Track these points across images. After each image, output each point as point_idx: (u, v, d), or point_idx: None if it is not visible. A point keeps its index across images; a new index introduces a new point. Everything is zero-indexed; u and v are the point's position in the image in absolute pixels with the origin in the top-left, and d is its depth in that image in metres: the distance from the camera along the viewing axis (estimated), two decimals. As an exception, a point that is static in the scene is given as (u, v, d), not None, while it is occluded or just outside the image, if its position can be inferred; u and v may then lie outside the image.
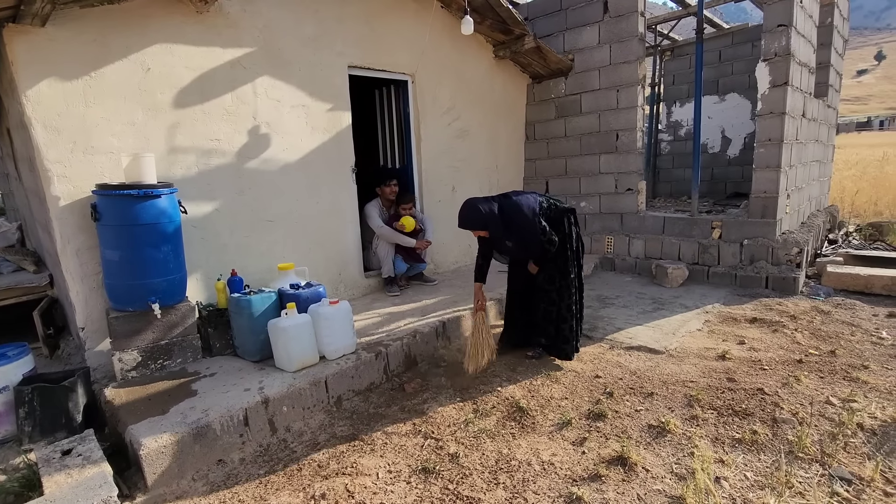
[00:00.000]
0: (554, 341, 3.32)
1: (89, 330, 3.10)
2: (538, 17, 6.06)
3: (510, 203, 3.11)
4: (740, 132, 8.23)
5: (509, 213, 3.07)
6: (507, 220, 3.07)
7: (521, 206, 3.08)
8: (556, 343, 3.31)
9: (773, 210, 4.72)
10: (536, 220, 3.05)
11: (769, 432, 2.40)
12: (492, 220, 3.06)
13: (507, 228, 3.07)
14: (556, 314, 3.25)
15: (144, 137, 3.20)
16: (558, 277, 3.23)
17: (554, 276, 3.24)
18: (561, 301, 3.25)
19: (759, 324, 3.85)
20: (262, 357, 3.12)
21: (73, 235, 2.98)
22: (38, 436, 2.51)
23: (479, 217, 3.06)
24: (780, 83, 4.52)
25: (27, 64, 2.75)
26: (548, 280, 3.25)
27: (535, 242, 3.07)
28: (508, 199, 3.14)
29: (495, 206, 3.10)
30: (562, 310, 3.25)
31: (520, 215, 3.06)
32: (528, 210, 3.07)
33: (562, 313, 3.25)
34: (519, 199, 3.13)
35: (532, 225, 3.04)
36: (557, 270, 3.23)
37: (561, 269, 3.23)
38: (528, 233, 3.06)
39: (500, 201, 3.14)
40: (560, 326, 3.27)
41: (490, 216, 3.06)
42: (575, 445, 2.41)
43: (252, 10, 3.62)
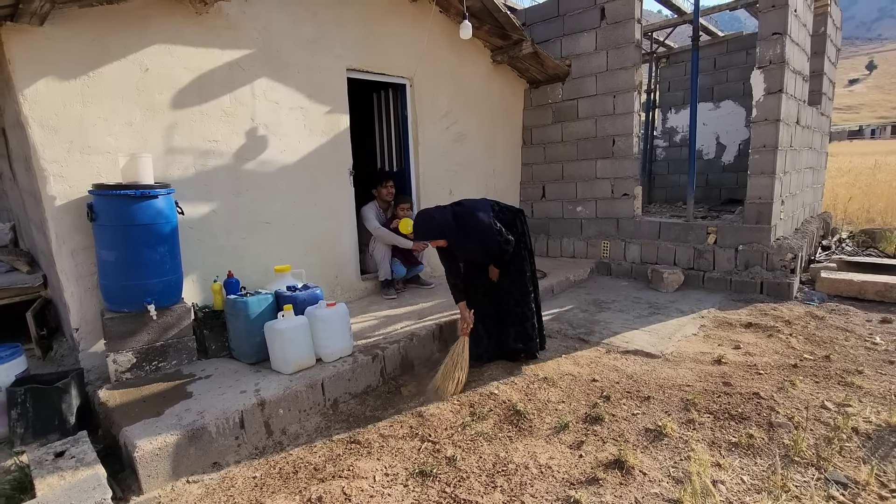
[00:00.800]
0: (521, 338, 3.35)
1: (83, 331, 3.07)
2: (536, 23, 6.11)
3: (464, 209, 3.12)
4: (735, 139, 8.31)
5: (465, 219, 3.07)
6: (463, 226, 3.05)
7: (476, 210, 3.10)
8: (524, 340, 3.35)
9: (767, 216, 4.76)
10: (492, 222, 3.07)
11: (765, 436, 2.41)
12: (448, 228, 3.03)
13: (465, 234, 3.06)
14: (521, 313, 3.30)
15: (142, 138, 3.19)
16: (517, 278, 3.29)
17: (514, 277, 3.29)
18: (523, 299, 3.30)
19: (754, 329, 3.88)
20: (258, 359, 3.10)
21: (69, 235, 2.96)
22: (31, 438, 2.48)
23: (435, 226, 3.03)
24: (774, 90, 4.57)
25: (24, 63, 2.73)
26: (510, 282, 3.29)
27: (493, 244, 3.08)
28: (461, 205, 3.17)
29: (449, 213, 3.09)
30: (524, 309, 3.30)
31: (475, 219, 3.06)
32: (482, 213, 3.09)
33: (524, 312, 3.30)
34: (472, 205, 3.16)
35: (489, 227, 3.05)
36: (516, 271, 3.28)
37: (518, 270, 3.29)
38: (485, 236, 3.06)
39: (453, 208, 3.14)
40: (523, 325, 3.31)
41: (446, 223, 3.03)
42: (572, 449, 2.41)
43: (251, 12, 3.62)
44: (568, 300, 4.84)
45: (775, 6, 4.49)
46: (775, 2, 4.49)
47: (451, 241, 3.07)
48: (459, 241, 3.08)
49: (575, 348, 3.65)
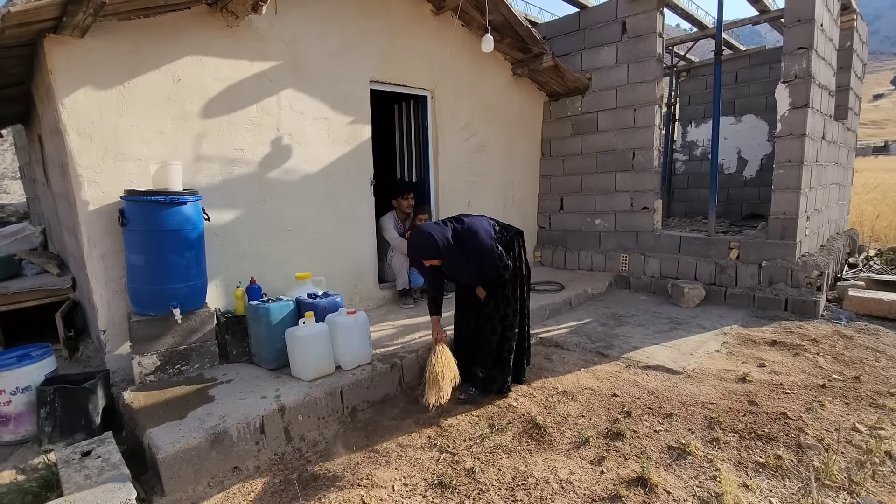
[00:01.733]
0: (491, 372, 3.09)
1: (110, 333, 3.14)
2: (556, 37, 6.14)
3: (465, 228, 2.91)
4: (757, 153, 8.20)
5: (465, 239, 2.87)
6: (462, 247, 2.86)
7: (478, 231, 2.88)
8: (493, 374, 3.08)
9: (792, 232, 4.67)
10: (494, 245, 2.89)
11: (794, 458, 2.35)
12: (447, 248, 2.83)
13: (463, 256, 2.86)
14: (498, 342, 3.07)
15: (172, 146, 3.28)
16: (503, 305, 3.06)
17: (500, 303, 3.05)
18: (507, 330, 3.07)
19: (779, 347, 3.79)
20: (278, 365, 3.13)
21: (100, 240, 3.04)
22: (58, 437, 2.53)
23: (433, 246, 2.81)
24: (800, 105, 4.51)
25: (65, 73, 2.84)
26: (494, 308, 3.05)
27: (491, 269, 2.90)
28: (462, 223, 2.95)
29: (449, 232, 2.89)
30: (508, 339, 3.08)
31: (476, 241, 2.86)
32: (484, 234, 2.89)
33: (508, 343, 3.08)
34: (473, 223, 2.94)
35: (490, 251, 2.86)
36: (504, 298, 3.05)
37: (507, 297, 3.06)
38: (484, 260, 2.87)
39: (453, 227, 2.93)
40: (503, 356, 3.06)
41: (445, 244, 2.83)
42: (593, 464, 2.37)
43: (280, 25, 3.72)
44: (586, 313, 4.79)
45: (801, 20, 4.45)
46: (801, 16, 4.45)
47: (447, 261, 2.89)
48: (455, 263, 2.88)
49: (594, 362, 3.61)
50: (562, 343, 3.97)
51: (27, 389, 2.65)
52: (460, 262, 2.87)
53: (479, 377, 3.09)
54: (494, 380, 3.09)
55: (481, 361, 3.09)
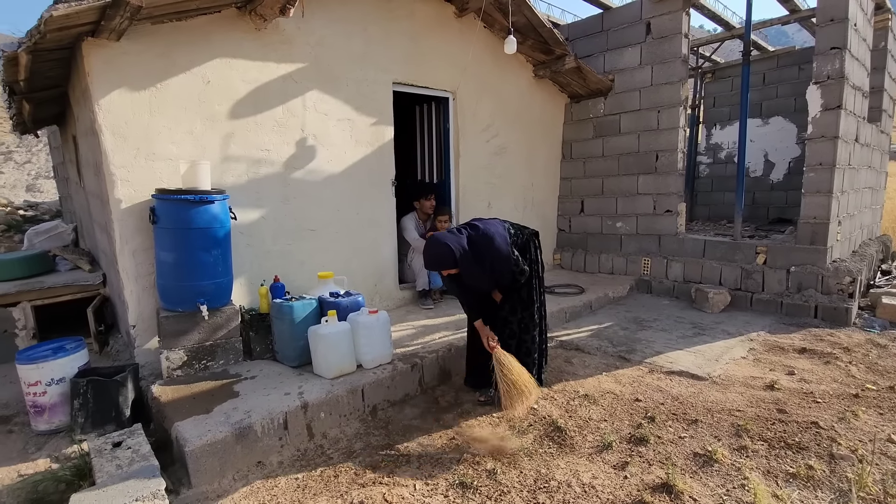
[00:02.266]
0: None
1: (140, 328, 3.22)
2: (579, 38, 6.10)
3: (481, 235, 2.83)
4: (784, 156, 8.00)
5: (481, 246, 2.79)
6: (478, 254, 2.79)
7: (494, 237, 2.81)
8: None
9: (823, 237, 4.54)
10: (510, 251, 2.84)
11: (826, 468, 2.28)
12: (464, 257, 2.76)
13: (479, 263, 2.80)
14: (517, 346, 3.01)
15: (201, 146, 3.35)
16: (520, 308, 3.01)
17: (516, 306, 3.00)
18: (524, 333, 3.02)
19: (808, 354, 3.68)
20: (300, 363, 3.17)
21: (131, 237, 3.13)
22: (90, 427, 2.61)
23: (449, 255, 2.73)
24: (832, 106, 4.39)
25: (101, 74, 2.94)
26: (510, 311, 3.01)
27: (506, 275, 2.86)
28: (477, 230, 2.87)
29: (464, 239, 2.81)
30: (525, 342, 3.03)
31: (492, 248, 2.79)
32: (500, 240, 2.83)
33: (525, 346, 3.03)
34: (488, 229, 2.86)
35: (506, 257, 2.81)
36: (520, 301, 3.01)
37: (524, 300, 3.01)
38: (500, 266, 2.82)
39: (468, 234, 2.86)
40: (521, 360, 2.96)
41: (462, 253, 2.75)
42: (616, 469, 2.34)
43: (306, 28, 3.78)
44: (607, 317, 4.73)
45: (834, 20, 4.33)
46: (834, 15, 4.33)
47: (464, 270, 2.81)
48: (472, 271, 2.82)
49: (616, 366, 3.56)
50: (582, 346, 3.93)
51: (61, 381, 2.73)
52: (477, 270, 2.82)
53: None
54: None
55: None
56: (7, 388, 3.29)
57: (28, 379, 2.69)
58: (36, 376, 2.69)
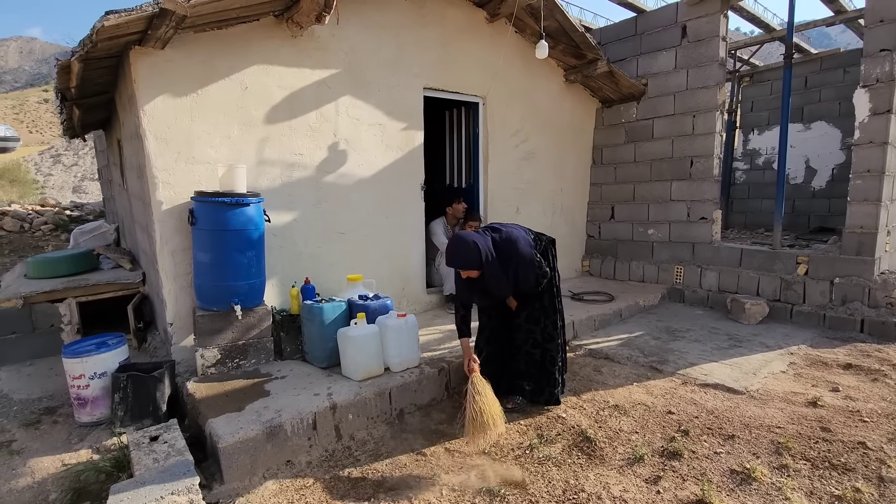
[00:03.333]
0: (538, 385, 3.01)
1: (176, 326, 3.32)
2: (611, 42, 6.02)
3: (504, 238, 2.78)
4: (827, 163, 7.68)
5: (506, 249, 2.74)
6: (503, 257, 2.73)
7: (518, 240, 2.77)
8: (540, 387, 3.01)
9: (870, 247, 4.33)
10: (534, 254, 2.81)
11: (875, 492, 2.15)
12: (489, 258, 2.69)
13: (504, 266, 2.74)
14: (541, 356, 2.98)
15: (238, 150, 3.45)
16: (542, 317, 2.96)
17: (538, 315, 2.96)
18: (547, 342, 2.98)
19: (854, 370, 3.50)
20: (329, 364, 3.21)
21: (171, 237, 3.24)
22: (129, 421, 2.70)
23: (476, 256, 2.65)
24: (882, 111, 4.19)
25: (147, 80, 3.06)
26: (532, 320, 2.96)
27: (531, 276, 2.80)
28: (500, 232, 2.82)
29: (489, 240, 2.75)
30: (550, 350, 2.97)
31: (517, 250, 2.74)
32: (524, 243, 2.79)
33: (549, 354, 2.98)
34: (511, 232, 2.82)
35: (531, 260, 2.77)
36: (542, 309, 2.96)
37: (546, 307, 2.96)
38: (525, 271, 2.77)
39: (492, 236, 2.79)
40: (547, 368, 2.97)
41: (488, 253, 2.69)
42: (648, 483, 2.27)
43: (340, 35, 3.85)
44: (637, 326, 4.62)
45: (884, 21, 4.14)
46: (884, 16, 4.14)
47: (489, 272, 2.71)
48: (495, 274, 2.73)
49: (647, 377, 3.47)
50: (612, 355, 3.85)
51: (103, 375, 2.84)
52: (499, 274, 2.74)
53: (527, 389, 3.04)
54: (542, 392, 3.03)
55: (527, 375, 3.02)
56: (53, 380, 3.44)
57: (73, 372, 2.81)
58: (80, 370, 2.80)
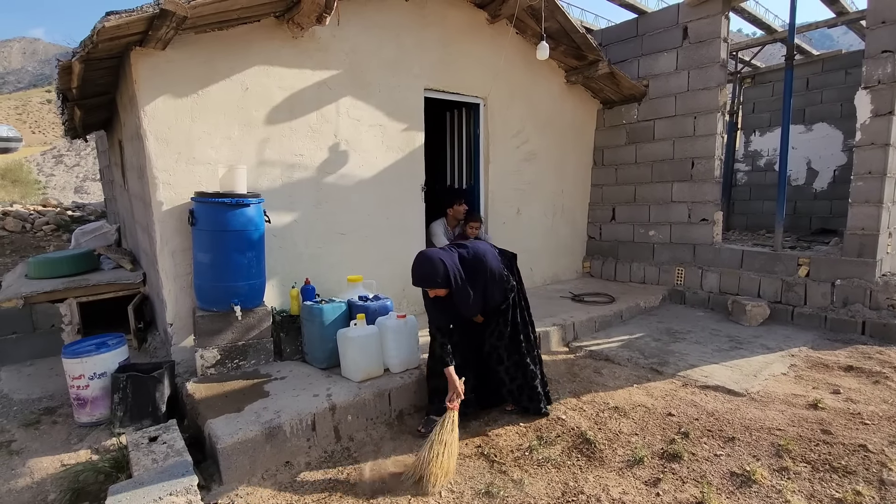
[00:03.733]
0: (519, 403, 2.94)
1: (176, 326, 3.33)
2: (612, 43, 6.01)
3: (471, 252, 2.67)
4: (829, 164, 7.66)
5: (475, 265, 2.64)
6: (472, 273, 2.62)
7: (486, 255, 2.69)
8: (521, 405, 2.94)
9: (872, 249, 4.32)
10: (502, 268, 2.74)
11: (876, 495, 2.14)
12: (457, 275, 2.56)
13: (473, 283, 2.62)
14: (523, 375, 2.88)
15: (238, 151, 3.45)
16: (511, 331, 2.85)
17: (503, 330, 2.84)
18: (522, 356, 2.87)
19: (855, 373, 3.49)
20: (328, 365, 3.21)
21: (171, 237, 3.24)
22: (128, 421, 2.70)
23: (442, 272, 2.51)
24: (884, 112, 4.18)
25: (147, 81, 3.07)
26: (497, 336, 2.85)
27: (499, 295, 2.73)
28: (466, 248, 2.71)
29: (456, 256, 2.63)
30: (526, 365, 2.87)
31: (485, 265, 2.65)
32: (492, 258, 2.72)
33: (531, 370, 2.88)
34: (478, 247, 2.72)
35: (501, 274, 2.71)
36: (514, 325, 2.86)
37: (512, 321, 2.85)
38: (494, 284, 2.68)
39: (458, 252, 2.68)
40: (527, 383, 2.87)
41: (455, 270, 2.56)
42: (648, 486, 2.27)
43: (340, 36, 3.85)
44: (638, 327, 4.61)
45: (886, 22, 4.13)
46: (886, 17, 4.13)
47: (457, 289, 2.58)
48: (464, 291, 2.61)
49: (647, 378, 3.46)
50: (612, 357, 3.84)
51: (103, 375, 2.84)
52: (468, 291, 2.61)
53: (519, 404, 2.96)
54: (526, 410, 2.94)
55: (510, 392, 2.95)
56: (53, 380, 3.45)
57: (72, 372, 2.81)
58: (80, 370, 2.80)
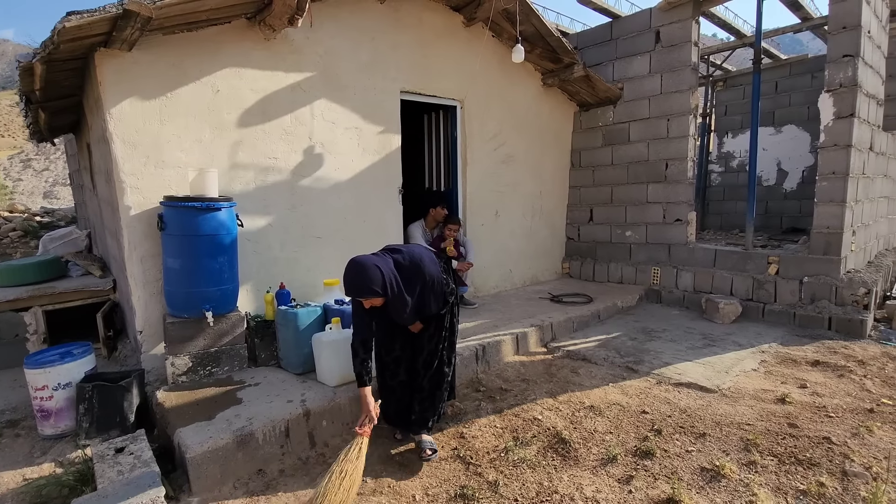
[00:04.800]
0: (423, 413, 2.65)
1: (146, 334, 3.25)
2: (588, 47, 6.10)
3: (408, 257, 2.47)
4: (798, 165, 7.89)
5: (411, 269, 2.43)
6: (408, 279, 2.41)
7: (423, 258, 2.49)
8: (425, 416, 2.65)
9: (836, 247, 4.45)
10: (440, 272, 2.56)
11: (838, 486, 2.21)
12: (393, 282, 2.34)
13: (410, 289, 2.42)
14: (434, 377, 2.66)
15: (210, 154, 3.39)
16: (447, 338, 2.70)
17: (441, 336, 2.66)
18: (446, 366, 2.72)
19: (822, 367, 3.59)
20: (304, 370, 3.17)
21: (140, 243, 3.17)
22: (95, 432, 2.62)
23: (377, 279, 2.27)
24: (845, 115, 4.32)
25: (113, 84, 2.99)
26: (435, 341, 2.64)
27: (438, 298, 2.54)
28: (400, 253, 2.50)
29: (391, 262, 2.42)
30: (446, 375, 2.71)
31: (423, 269, 2.45)
32: (430, 262, 2.52)
33: (446, 380, 2.72)
34: (414, 251, 2.54)
35: (440, 279, 2.53)
36: (449, 328, 2.69)
37: (451, 327, 2.70)
38: (433, 289, 2.50)
39: (393, 257, 2.46)
40: (431, 394, 2.65)
41: (391, 276, 2.35)
42: (621, 483, 2.29)
43: (314, 38, 3.82)
44: (615, 327, 4.67)
45: (847, 27, 4.28)
46: (847, 23, 4.28)
47: (392, 298, 2.36)
48: (401, 299, 2.39)
49: (623, 377, 3.51)
50: (589, 357, 3.88)
51: (68, 386, 2.76)
52: (406, 299, 2.41)
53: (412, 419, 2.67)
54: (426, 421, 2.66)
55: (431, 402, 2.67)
56: (17, 392, 3.33)
57: (35, 383, 2.72)
58: (43, 381, 2.72)
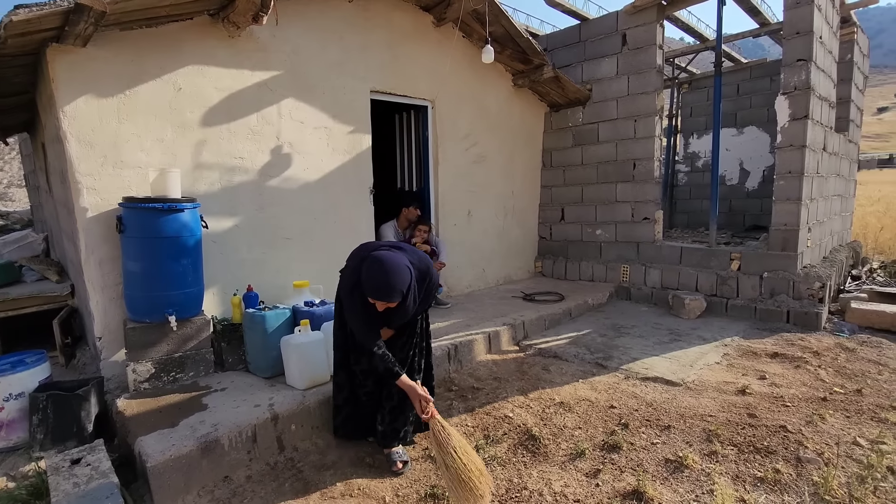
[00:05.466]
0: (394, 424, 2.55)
1: (106, 340, 3.13)
2: (557, 48, 6.19)
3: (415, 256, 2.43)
4: (759, 165, 8.19)
5: (422, 270, 2.38)
6: (419, 280, 2.35)
7: (426, 259, 2.48)
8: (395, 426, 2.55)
9: (793, 243, 4.64)
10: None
11: (793, 472, 2.30)
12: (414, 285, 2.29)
13: (419, 290, 2.37)
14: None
15: (172, 154, 3.30)
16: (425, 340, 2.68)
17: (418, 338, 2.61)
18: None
19: (780, 359, 3.74)
20: (273, 374, 3.11)
21: (98, 246, 3.05)
22: (50, 444, 2.52)
23: (407, 281, 2.22)
24: (799, 116, 4.51)
25: (67, 81, 2.88)
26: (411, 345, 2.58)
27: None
28: (405, 250, 2.44)
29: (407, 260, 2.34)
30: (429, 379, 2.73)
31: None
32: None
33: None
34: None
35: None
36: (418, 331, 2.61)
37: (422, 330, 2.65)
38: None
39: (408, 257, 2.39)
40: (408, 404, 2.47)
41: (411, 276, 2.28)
42: (588, 477, 2.33)
43: (281, 36, 3.76)
44: (586, 324, 4.75)
45: (800, 33, 4.47)
46: (800, 28, 4.47)
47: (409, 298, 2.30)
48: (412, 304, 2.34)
49: (592, 373, 3.57)
50: (560, 354, 3.94)
51: (20, 396, 2.64)
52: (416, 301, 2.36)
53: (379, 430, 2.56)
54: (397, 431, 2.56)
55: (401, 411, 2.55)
56: (-34, 403, 3.16)
57: (-15, 394, 2.60)
58: (-7, 391, 2.59)
